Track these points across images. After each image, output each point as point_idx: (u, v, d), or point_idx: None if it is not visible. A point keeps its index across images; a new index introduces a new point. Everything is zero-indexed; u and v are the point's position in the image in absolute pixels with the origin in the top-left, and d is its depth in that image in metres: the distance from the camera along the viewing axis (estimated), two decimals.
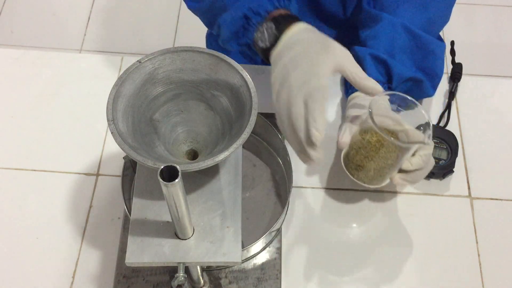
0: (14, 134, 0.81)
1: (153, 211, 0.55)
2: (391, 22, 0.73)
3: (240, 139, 0.52)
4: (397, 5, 0.74)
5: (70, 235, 0.73)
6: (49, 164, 0.78)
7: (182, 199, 0.46)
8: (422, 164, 0.66)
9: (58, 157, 0.79)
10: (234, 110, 0.57)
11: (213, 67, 0.57)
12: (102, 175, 0.77)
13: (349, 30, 0.86)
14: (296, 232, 0.73)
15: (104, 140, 0.80)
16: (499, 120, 0.83)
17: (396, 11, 0.74)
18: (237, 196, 0.56)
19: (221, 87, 0.58)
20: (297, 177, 0.76)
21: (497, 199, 0.76)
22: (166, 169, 0.43)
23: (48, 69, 0.87)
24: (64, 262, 0.71)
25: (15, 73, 0.87)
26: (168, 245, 0.53)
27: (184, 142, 0.60)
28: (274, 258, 0.69)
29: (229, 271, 0.68)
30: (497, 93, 0.86)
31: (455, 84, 0.85)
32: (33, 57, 0.88)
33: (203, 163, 0.50)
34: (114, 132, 0.51)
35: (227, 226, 0.54)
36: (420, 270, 0.71)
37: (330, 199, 0.75)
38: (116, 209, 0.74)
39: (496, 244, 0.73)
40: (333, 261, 0.71)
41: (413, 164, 0.65)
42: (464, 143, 0.80)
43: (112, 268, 0.69)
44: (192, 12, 0.75)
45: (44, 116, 0.82)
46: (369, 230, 0.73)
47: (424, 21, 0.75)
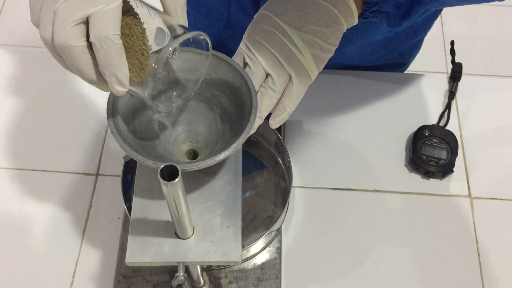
0: (14, 134, 0.81)
1: (153, 210, 0.55)
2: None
3: (240, 139, 0.52)
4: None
5: (70, 235, 0.73)
6: (49, 164, 0.78)
7: (182, 198, 0.46)
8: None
9: (58, 157, 0.79)
10: (234, 110, 0.57)
11: (213, 67, 0.57)
12: (102, 175, 0.77)
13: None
14: (296, 232, 0.73)
15: (104, 140, 0.80)
16: (499, 120, 0.83)
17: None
18: (237, 196, 0.56)
19: (221, 87, 0.58)
20: (297, 177, 0.76)
21: (497, 199, 0.76)
22: (166, 169, 0.43)
23: (48, 69, 0.87)
24: (64, 262, 0.71)
25: (15, 73, 0.87)
26: (168, 245, 0.53)
27: (184, 142, 0.60)
28: (274, 258, 0.69)
29: (229, 271, 0.68)
30: (497, 93, 0.86)
31: (455, 84, 0.85)
32: (33, 57, 0.88)
33: (203, 163, 0.50)
34: (114, 132, 0.51)
35: (227, 226, 0.54)
36: (420, 270, 0.71)
37: (330, 199, 0.75)
38: (116, 209, 0.74)
39: (496, 244, 0.73)
40: (333, 261, 0.71)
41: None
42: (464, 143, 0.80)
43: (112, 268, 0.69)
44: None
45: (44, 116, 0.82)
46: (369, 230, 0.73)
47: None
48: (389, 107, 0.83)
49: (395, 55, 0.87)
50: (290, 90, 0.57)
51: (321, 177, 0.77)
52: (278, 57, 0.56)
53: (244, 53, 0.58)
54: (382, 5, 0.58)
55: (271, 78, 0.56)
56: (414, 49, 0.90)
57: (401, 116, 0.82)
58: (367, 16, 0.59)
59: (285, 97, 0.57)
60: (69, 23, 0.41)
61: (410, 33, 0.83)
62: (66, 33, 0.41)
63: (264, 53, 0.57)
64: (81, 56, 0.43)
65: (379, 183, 0.77)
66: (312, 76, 0.57)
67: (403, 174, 0.78)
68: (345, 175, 0.77)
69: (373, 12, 0.59)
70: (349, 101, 0.84)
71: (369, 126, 0.81)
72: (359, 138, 0.80)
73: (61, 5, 0.41)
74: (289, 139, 0.80)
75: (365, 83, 0.85)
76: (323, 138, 0.80)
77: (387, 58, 0.87)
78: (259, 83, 0.57)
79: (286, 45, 0.56)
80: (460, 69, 0.86)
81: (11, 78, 0.86)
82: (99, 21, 0.42)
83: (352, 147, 0.80)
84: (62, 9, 0.41)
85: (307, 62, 0.56)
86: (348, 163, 0.78)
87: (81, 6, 0.41)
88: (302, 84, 0.57)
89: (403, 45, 0.86)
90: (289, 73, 0.56)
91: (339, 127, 0.81)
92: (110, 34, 0.42)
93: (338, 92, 0.84)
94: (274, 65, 0.56)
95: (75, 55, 0.42)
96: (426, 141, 0.78)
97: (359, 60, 0.86)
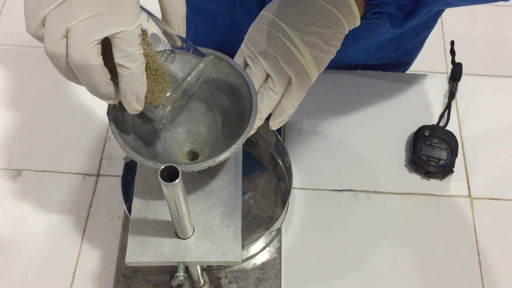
0: (14, 134, 0.81)
1: (153, 210, 0.55)
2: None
3: (240, 139, 0.52)
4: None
5: (70, 235, 0.73)
6: (49, 165, 0.78)
7: (182, 199, 0.46)
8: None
9: (58, 157, 0.79)
10: (234, 110, 0.57)
11: (213, 67, 0.57)
12: (102, 176, 0.77)
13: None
14: (296, 232, 0.73)
15: (105, 140, 0.80)
16: (499, 120, 0.83)
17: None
18: (237, 196, 0.56)
19: (221, 87, 0.58)
20: (297, 177, 0.76)
21: (497, 199, 0.76)
22: (166, 169, 0.43)
23: (48, 69, 0.87)
24: (64, 262, 0.71)
25: (15, 73, 0.87)
26: (168, 245, 0.53)
27: (184, 143, 0.60)
28: (274, 258, 0.69)
29: (229, 271, 0.68)
30: (497, 93, 0.86)
31: (455, 84, 0.85)
32: (33, 57, 0.88)
33: (204, 163, 0.50)
34: (114, 133, 0.51)
35: (227, 226, 0.54)
36: (420, 270, 0.71)
37: (330, 199, 0.75)
38: (116, 209, 0.74)
39: (496, 244, 0.73)
40: (333, 261, 0.71)
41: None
42: (464, 143, 0.80)
43: (112, 268, 0.69)
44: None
45: (44, 116, 0.83)
46: (369, 230, 0.73)
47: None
48: (389, 107, 0.83)
49: (399, 54, 0.87)
50: (290, 91, 0.57)
51: (321, 178, 0.77)
52: (279, 58, 0.56)
53: (245, 54, 0.58)
54: (384, 7, 0.58)
55: (271, 79, 0.56)
56: (418, 47, 0.90)
57: (401, 116, 0.82)
58: (369, 18, 0.59)
59: (285, 98, 0.57)
60: (90, 42, 0.41)
61: (414, 32, 0.83)
62: (86, 52, 0.41)
63: (265, 54, 0.57)
64: (99, 74, 0.43)
65: (379, 184, 0.77)
66: (312, 77, 0.57)
67: (403, 174, 0.78)
68: (345, 176, 0.77)
69: (375, 13, 0.59)
70: (348, 102, 0.84)
71: (369, 127, 0.81)
72: (359, 138, 0.80)
73: (78, 24, 0.41)
74: (289, 140, 0.80)
75: (365, 84, 0.85)
76: (323, 138, 0.80)
77: (391, 57, 0.88)
78: (260, 83, 0.57)
79: (287, 46, 0.56)
80: (460, 69, 0.86)
81: (11, 78, 0.86)
82: (126, 42, 0.42)
83: (352, 147, 0.80)
84: (80, 27, 0.41)
85: (308, 63, 0.56)
86: (348, 164, 0.78)
87: (101, 26, 0.41)
88: (302, 86, 0.57)
89: (407, 43, 0.86)
90: (289, 74, 0.56)
91: (338, 127, 0.81)
92: (137, 54, 0.43)
93: (337, 92, 0.84)
94: (274, 66, 0.56)
95: (94, 73, 0.43)
96: (426, 141, 0.78)
97: (363, 60, 0.86)
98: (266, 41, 0.57)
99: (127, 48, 0.43)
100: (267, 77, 0.57)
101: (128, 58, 0.43)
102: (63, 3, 0.41)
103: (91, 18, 0.41)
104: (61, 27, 0.41)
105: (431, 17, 0.81)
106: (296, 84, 0.56)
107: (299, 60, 0.56)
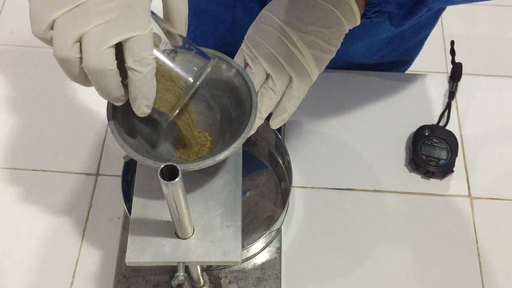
0: (14, 134, 0.81)
1: (153, 210, 0.55)
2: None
3: (240, 139, 0.51)
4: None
5: (70, 235, 0.73)
6: (49, 164, 0.78)
7: (182, 198, 0.46)
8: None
9: (58, 157, 0.79)
10: (234, 110, 0.57)
11: (213, 67, 0.57)
12: (102, 175, 0.77)
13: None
14: (296, 232, 0.73)
15: (104, 139, 0.80)
16: (499, 120, 0.83)
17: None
18: (237, 196, 0.56)
19: (221, 87, 0.58)
20: (297, 177, 0.76)
21: (497, 199, 0.76)
22: (166, 169, 0.43)
23: (48, 69, 0.87)
24: (64, 262, 0.71)
25: (15, 73, 0.87)
26: (168, 245, 0.53)
27: None
28: (274, 258, 0.69)
29: (229, 271, 0.68)
30: (497, 93, 0.86)
31: (455, 84, 0.85)
32: (33, 57, 0.88)
33: (203, 163, 0.50)
34: (114, 132, 0.51)
35: (227, 226, 0.54)
36: (420, 270, 0.71)
37: (330, 199, 0.75)
38: (116, 209, 0.74)
39: (496, 244, 0.73)
40: (333, 261, 0.71)
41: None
42: (464, 143, 0.80)
43: (112, 268, 0.69)
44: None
45: (44, 116, 0.82)
46: (369, 230, 0.73)
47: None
48: (389, 107, 0.83)
49: (400, 52, 0.87)
50: (290, 91, 0.57)
51: (321, 177, 0.77)
52: (279, 58, 0.56)
53: (245, 54, 0.58)
54: (384, 5, 0.58)
55: (271, 78, 0.56)
56: (419, 45, 0.90)
57: (401, 116, 0.82)
58: (369, 17, 0.59)
59: (285, 98, 0.57)
60: (105, 47, 0.41)
61: (415, 30, 0.83)
62: (103, 57, 0.42)
63: (265, 53, 0.57)
64: (113, 78, 0.44)
65: (379, 183, 0.77)
66: (312, 77, 0.57)
67: (403, 174, 0.78)
68: (345, 175, 0.77)
69: (376, 12, 0.59)
70: (348, 101, 0.84)
71: (369, 126, 0.81)
72: (359, 138, 0.80)
73: (92, 29, 0.41)
74: (289, 139, 0.80)
75: (365, 83, 0.85)
76: (323, 138, 0.80)
77: (392, 56, 0.87)
78: (260, 83, 0.57)
79: (287, 46, 0.56)
80: (460, 69, 0.86)
81: (11, 78, 0.86)
82: (139, 46, 0.43)
83: (352, 147, 0.80)
84: (95, 32, 0.41)
85: (308, 63, 0.56)
86: (348, 163, 0.78)
87: (116, 31, 0.42)
88: (303, 85, 0.57)
89: (409, 42, 0.86)
90: (289, 73, 0.56)
91: (339, 127, 0.81)
92: (150, 59, 0.43)
93: (337, 92, 0.84)
94: (275, 65, 0.56)
95: (109, 77, 0.43)
96: (426, 141, 0.78)
97: (364, 58, 0.86)
98: (266, 41, 0.57)
99: (140, 53, 0.43)
100: (267, 77, 0.57)
101: (139, 63, 0.43)
102: (76, 8, 0.41)
103: (107, 23, 0.41)
104: (74, 32, 0.41)
105: (431, 16, 0.81)
106: (296, 83, 0.56)
107: (299, 60, 0.56)
